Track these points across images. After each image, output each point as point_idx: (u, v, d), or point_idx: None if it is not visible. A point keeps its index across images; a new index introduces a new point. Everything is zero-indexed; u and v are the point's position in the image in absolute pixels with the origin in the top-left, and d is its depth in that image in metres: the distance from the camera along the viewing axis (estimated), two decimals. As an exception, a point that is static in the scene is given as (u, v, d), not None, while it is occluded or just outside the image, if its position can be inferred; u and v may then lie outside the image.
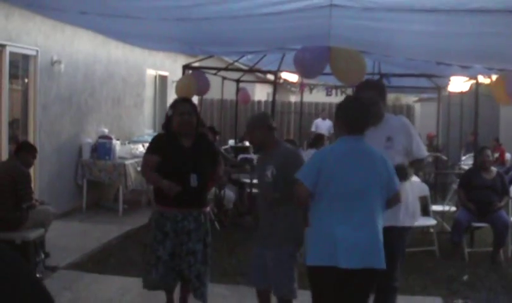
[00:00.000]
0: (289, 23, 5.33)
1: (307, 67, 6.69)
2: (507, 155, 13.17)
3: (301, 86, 13.70)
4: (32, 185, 6.33)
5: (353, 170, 3.51)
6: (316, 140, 10.29)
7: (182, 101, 4.90)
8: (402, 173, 3.93)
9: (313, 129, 16.58)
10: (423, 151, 4.37)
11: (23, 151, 6.07)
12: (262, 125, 4.51)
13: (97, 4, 5.06)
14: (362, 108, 3.69)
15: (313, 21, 5.10)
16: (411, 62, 7.23)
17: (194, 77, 8.73)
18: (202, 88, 8.90)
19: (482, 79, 8.54)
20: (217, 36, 6.37)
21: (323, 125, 16.67)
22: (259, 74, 16.09)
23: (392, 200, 3.66)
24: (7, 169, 5.86)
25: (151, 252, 4.65)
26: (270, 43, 7.17)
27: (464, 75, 7.79)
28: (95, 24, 6.68)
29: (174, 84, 9.07)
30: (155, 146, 4.73)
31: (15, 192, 5.73)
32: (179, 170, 4.59)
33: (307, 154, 9.68)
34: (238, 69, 11.68)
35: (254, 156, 10.76)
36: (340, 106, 3.77)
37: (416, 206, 4.44)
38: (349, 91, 11.45)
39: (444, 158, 11.74)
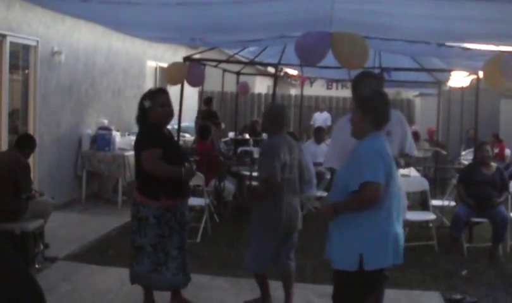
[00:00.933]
0: (292, 7, 5.32)
1: (308, 53, 6.60)
2: (507, 151, 13.13)
3: (301, 79, 13.66)
4: (31, 176, 6.32)
5: (394, 166, 3.52)
6: (317, 133, 10.32)
7: (161, 92, 4.70)
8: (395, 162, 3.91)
9: (311, 122, 16.69)
10: (414, 150, 4.77)
11: (23, 142, 6.06)
12: (266, 115, 5.02)
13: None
14: (388, 103, 3.57)
15: (316, 5, 5.09)
16: (412, 46, 7.13)
17: (185, 65, 8.57)
18: (195, 79, 8.67)
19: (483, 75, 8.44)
20: (218, 22, 6.31)
21: (319, 118, 16.86)
22: (260, 67, 16.06)
23: None
24: (6, 160, 5.85)
25: (160, 250, 4.47)
26: (273, 30, 7.11)
27: (465, 55, 7.60)
28: (95, 14, 6.63)
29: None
30: (156, 139, 4.47)
31: (14, 183, 5.73)
32: (179, 162, 4.58)
33: (306, 146, 9.73)
34: (239, 62, 11.63)
35: (254, 149, 10.78)
36: (366, 100, 3.56)
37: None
38: (350, 85, 11.41)
39: (444, 153, 11.73)
